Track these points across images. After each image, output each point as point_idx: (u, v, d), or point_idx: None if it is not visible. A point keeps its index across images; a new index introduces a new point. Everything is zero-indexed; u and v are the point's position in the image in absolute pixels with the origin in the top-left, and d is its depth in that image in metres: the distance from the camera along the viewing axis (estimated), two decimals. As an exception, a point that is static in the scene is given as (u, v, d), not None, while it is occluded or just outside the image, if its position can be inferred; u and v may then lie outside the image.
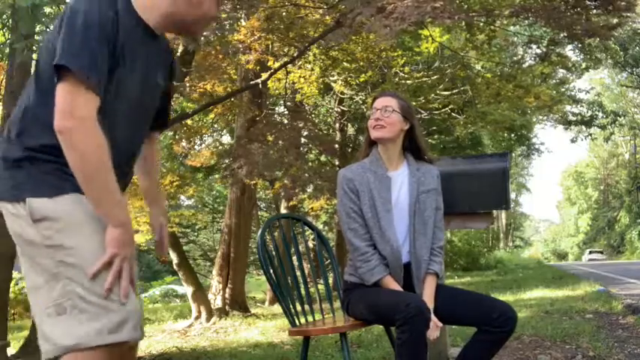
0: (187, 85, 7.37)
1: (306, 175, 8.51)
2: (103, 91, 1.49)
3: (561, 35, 6.95)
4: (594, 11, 6.05)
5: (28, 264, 1.52)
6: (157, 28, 1.67)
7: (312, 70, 9.56)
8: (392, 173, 2.45)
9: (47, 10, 5.27)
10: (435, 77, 10.98)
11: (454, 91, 11.23)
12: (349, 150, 13.87)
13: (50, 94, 1.47)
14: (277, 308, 9.85)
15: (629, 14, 6.10)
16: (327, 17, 6.33)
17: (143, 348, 6.47)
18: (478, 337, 2.28)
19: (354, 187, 2.40)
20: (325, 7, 6.49)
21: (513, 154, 27.86)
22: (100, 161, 1.45)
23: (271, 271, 2.52)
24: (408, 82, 10.71)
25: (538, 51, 10.74)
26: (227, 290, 9.53)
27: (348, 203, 2.40)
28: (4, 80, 5.41)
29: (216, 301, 9.45)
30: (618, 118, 24.73)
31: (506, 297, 8.50)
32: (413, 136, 2.49)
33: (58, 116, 1.43)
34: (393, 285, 2.33)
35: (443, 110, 11.66)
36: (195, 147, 11.90)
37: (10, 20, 5.10)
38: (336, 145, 12.42)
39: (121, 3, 1.57)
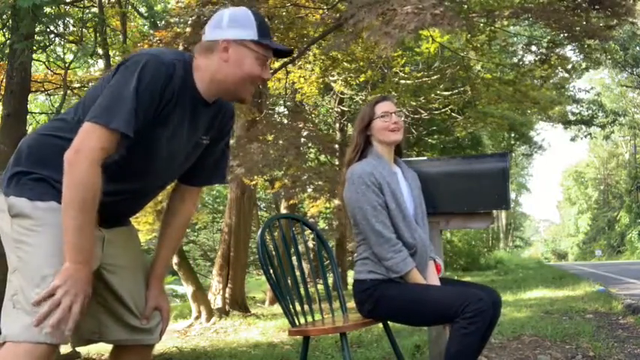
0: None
1: (305, 176, 8.49)
2: (125, 147, 1.60)
3: (561, 36, 6.96)
4: (594, 13, 6.06)
5: (6, 255, 1.63)
6: (208, 96, 1.72)
7: (312, 70, 9.56)
8: (394, 170, 2.57)
9: (47, 10, 5.27)
10: (435, 77, 10.98)
11: (454, 91, 11.23)
12: (349, 150, 13.84)
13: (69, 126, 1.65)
14: (277, 308, 9.84)
15: (628, 18, 6.11)
16: (328, 18, 6.34)
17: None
18: (452, 331, 2.23)
19: (375, 181, 2.43)
20: (325, 7, 6.49)
21: (513, 154, 27.86)
22: (84, 200, 1.53)
23: (271, 271, 2.52)
24: (408, 82, 10.71)
25: (538, 52, 10.73)
26: (227, 290, 9.52)
27: (373, 196, 2.41)
28: (4, 80, 5.42)
29: (216, 301, 9.44)
30: (618, 117, 24.72)
31: (507, 297, 8.50)
32: None
33: (70, 148, 1.55)
34: (419, 276, 2.40)
35: (443, 110, 11.67)
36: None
37: (11, 20, 5.11)
38: (336, 145, 12.41)
39: (180, 69, 1.64)
